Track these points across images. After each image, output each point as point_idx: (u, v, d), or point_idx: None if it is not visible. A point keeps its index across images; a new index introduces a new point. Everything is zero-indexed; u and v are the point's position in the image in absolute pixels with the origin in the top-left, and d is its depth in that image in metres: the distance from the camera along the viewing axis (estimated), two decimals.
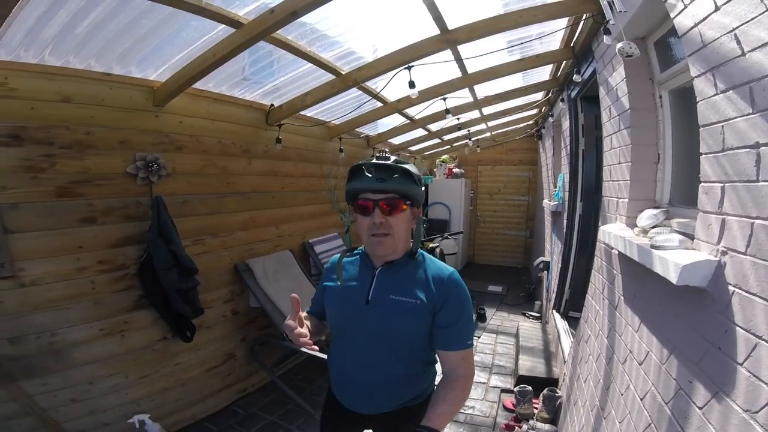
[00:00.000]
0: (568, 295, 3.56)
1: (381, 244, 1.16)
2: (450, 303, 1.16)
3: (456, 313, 1.17)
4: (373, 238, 1.15)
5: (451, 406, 1.09)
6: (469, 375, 1.17)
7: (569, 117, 3.44)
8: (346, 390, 1.30)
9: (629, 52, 1.53)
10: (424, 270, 1.21)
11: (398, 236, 1.17)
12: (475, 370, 3.58)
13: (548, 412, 2.70)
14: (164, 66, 2.13)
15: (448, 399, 1.09)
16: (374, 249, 1.19)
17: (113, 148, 2.12)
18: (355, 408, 1.28)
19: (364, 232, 1.17)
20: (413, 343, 1.20)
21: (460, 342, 1.16)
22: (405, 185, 1.14)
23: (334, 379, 1.34)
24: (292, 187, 3.62)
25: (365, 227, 1.15)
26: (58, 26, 1.60)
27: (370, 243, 1.18)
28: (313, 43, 2.35)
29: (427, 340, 1.19)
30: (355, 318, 1.21)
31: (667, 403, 1.14)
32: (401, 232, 1.17)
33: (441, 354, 1.19)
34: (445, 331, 1.16)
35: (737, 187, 0.93)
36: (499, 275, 7.08)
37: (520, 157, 7.51)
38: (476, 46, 2.51)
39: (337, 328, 1.29)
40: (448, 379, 1.15)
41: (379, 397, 1.24)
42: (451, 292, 1.17)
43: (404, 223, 1.18)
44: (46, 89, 1.83)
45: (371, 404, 1.26)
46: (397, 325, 1.16)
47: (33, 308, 1.91)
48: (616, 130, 1.99)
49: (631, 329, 1.54)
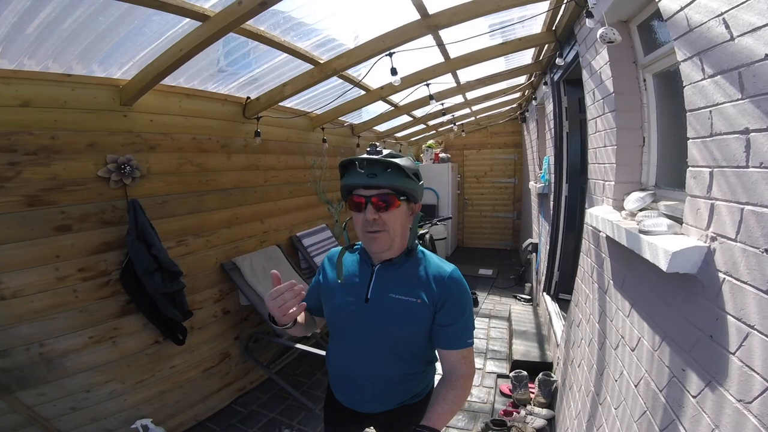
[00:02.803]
0: (557, 277, 3.59)
1: (375, 241, 1.13)
2: (451, 302, 1.14)
3: (457, 311, 1.15)
4: (367, 234, 1.13)
5: (451, 406, 1.08)
6: (469, 374, 1.16)
7: (553, 100, 3.44)
8: (345, 389, 1.29)
9: (611, 38, 1.49)
10: (425, 268, 1.19)
11: (393, 233, 1.14)
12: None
13: (545, 397, 2.72)
14: (129, 63, 2.02)
15: (448, 398, 1.08)
16: (369, 245, 1.16)
17: (81, 152, 2.02)
18: (354, 407, 1.27)
19: (359, 228, 1.15)
20: (413, 342, 1.18)
21: (460, 341, 1.15)
22: (398, 180, 1.10)
23: (332, 378, 1.32)
24: (276, 180, 3.54)
25: (359, 223, 1.13)
26: (5, 27, 1.49)
27: (365, 239, 1.15)
28: (288, 33, 2.26)
29: (427, 339, 1.18)
30: (353, 316, 1.18)
31: (661, 390, 1.13)
32: (397, 228, 1.14)
33: (441, 353, 1.18)
34: (446, 330, 1.15)
35: (726, 173, 0.91)
36: (489, 258, 7.14)
37: (505, 140, 7.51)
38: (458, 30, 2.46)
39: (335, 326, 1.26)
40: (449, 378, 1.14)
41: (379, 397, 1.23)
42: (452, 290, 1.15)
43: (400, 219, 1.14)
44: (3, 94, 1.72)
45: (371, 403, 1.25)
46: (396, 324, 1.15)
47: (18, 320, 1.86)
48: (600, 113, 1.98)
49: (622, 314, 1.54)
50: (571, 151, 3.25)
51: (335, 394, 1.32)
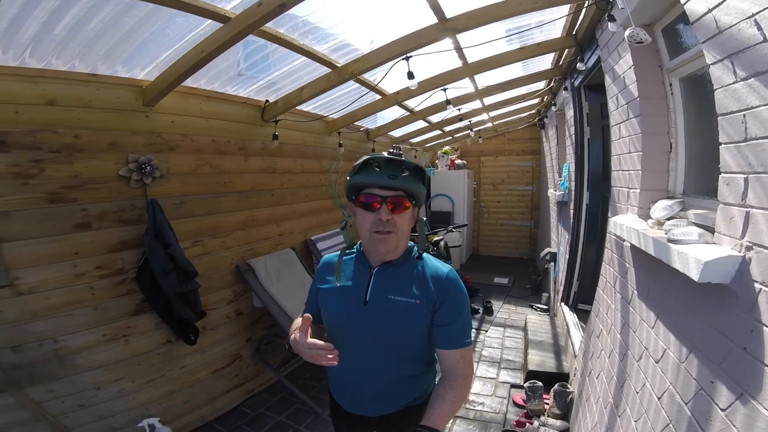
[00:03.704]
0: (576, 287, 3.50)
1: (384, 242, 1.12)
2: (449, 301, 1.15)
3: (455, 311, 1.15)
4: (376, 235, 1.12)
5: (450, 406, 1.08)
6: (468, 373, 1.16)
7: (573, 106, 3.38)
8: (345, 393, 1.29)
9: (640, 38, 1.44)
10: (422, 269, 1.19)
11: (401, 235, 1.14)
12: (484, 365, 3.55)
13: (559, 408, 2.66)
14: (152, 64, 2.06)
15: (447, 398, 1.08)
16: (376, 246, 1.15)
17: (104, 151, 2.06)
18: (354, 410, 1.27)
19: (366, 228, 1.13)
20: (413, 343, 1.18)
21: (459, 340, 1.15)
22: (414, 184, 1.11)
23: (332, 382, 1.32)
24: (292, 184, 3.55)
25: (368, 223, 1.12)
26: (35, 27, 1.54)
27: (372, 240, 1.14)
28: (306, 36, 2.27)
29: (427, 339, 1.18)
30: (352, 320, 1.18)
31: (686, 403, 1.09)
32: (405, 230, 1.16)
33: (440, 353, 1.18)
34: (444, 329, 1.15)
35: (763, 179, 0.86)
36: (505, 266, 7.01)
37: (523, 146, 7.40)
38: (476, 35, 2.43)
39: (334, 330, 1.24)
40: (448, 377, 1.14)
41: (380, 400, 1.23)
42: (449, 290, 1.16)
43: (407, 222, 1.16)
44: (29, 92, 1.77)
45: (371, 405, 1.25)
46: (396, 326, 1.15)
47: (33, 316, 1.88)
48: (624, 118, 1.94)
49: (646, 325, 1.49)
50: (593, 157, 3.17)
51: (336, 397, 1.32)
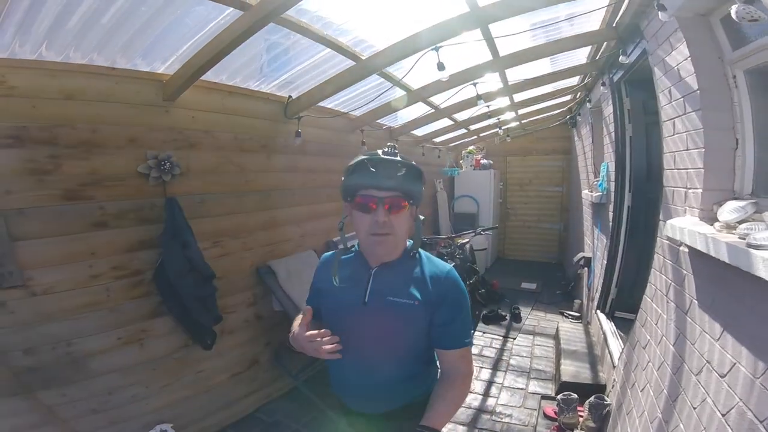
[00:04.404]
0: (614, 294, 3.27)
1: (381, 244, 1.13)
2: (448, 301, 1.15)
3: (454, 311, 1.15)
4: (373, 237, 1.11)
5: (450, 405, 1.10)
6: (468, 373, 1.17)
7: (612, 102, 3.17)
8: (347, 391, 1.30)
9: (754, 16, 1.21)
10: (421, 268, 1.19)
11: (399, 236, 1.14)
12: (512, 374, 3.36)
13: (594, 421, 2.52)
14: (172, 57, 1.99)
15: (447, 398, 1.10)
16: (374, 248, 1.15)
17: (122, 147, 2.00)
18: (356, 408, 1.29)
19: (363, 230, 1.12)
20: (413, 344, 1.19)
21: (458, 340, 1.15)
22: (411, 184, 1.11)
23: (334, 380, 1.33)
24: (314, 184, 3.45)
25: (365, 225, 1.11)
26: (49, 19, 1.48)
27: (370, 242, 1.14)
28: (328, 27, 2.16)
29: (426, 339, 1.18)
30: (352, 320, 1.18)
31: (762, 421, 1.01)
32: (402, 231, 1.15)
33: (440, 353, 1.19)
34: (444, 329, 1.15)
35: None
36: (532, 271, 6.74)
37: (552, 145, 7.08)
38: (508, 26, 2.29)
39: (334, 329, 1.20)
40: (448, 377, 1.15)
41: (381, 399, 1.24)
42: (449, 289, 1.16)
43: (405, 223, 1.15)
44: (47, 86, 1.72)
45: (372, 405, 1.26)
46: (395, 327, 1.15)
47: (46, 318, 1.82)
48: (680, 113, 1.78)
49: (709, 337, 1.37)
50: (635, 156, 2.95)
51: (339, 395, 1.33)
